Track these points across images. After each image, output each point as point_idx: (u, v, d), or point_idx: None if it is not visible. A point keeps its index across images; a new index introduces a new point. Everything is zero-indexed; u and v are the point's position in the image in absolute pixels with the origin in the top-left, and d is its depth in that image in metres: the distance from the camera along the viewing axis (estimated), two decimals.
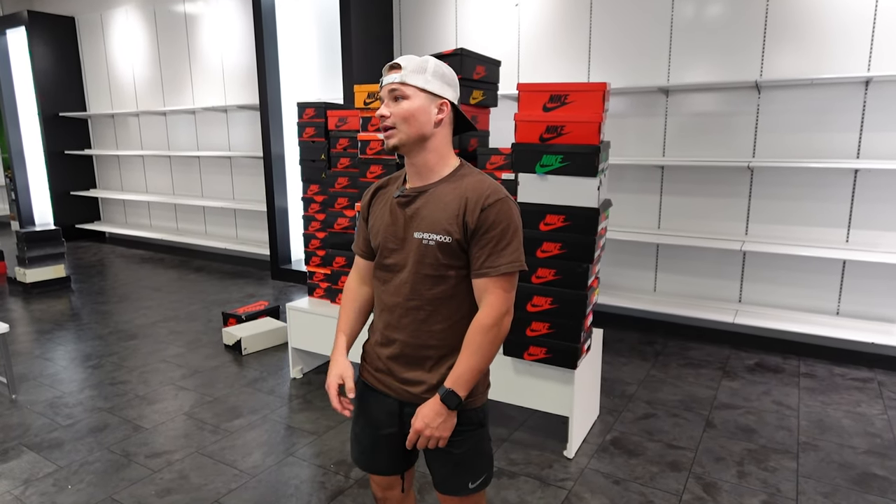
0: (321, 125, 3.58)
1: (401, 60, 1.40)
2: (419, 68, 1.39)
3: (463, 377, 1.39)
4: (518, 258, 1.39)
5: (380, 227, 1.49)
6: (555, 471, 2.64)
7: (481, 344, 1.38)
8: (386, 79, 1.41)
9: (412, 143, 1.40)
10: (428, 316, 1.44)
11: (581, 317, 2.60)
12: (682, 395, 3.38)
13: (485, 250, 1.38)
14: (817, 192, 3.85)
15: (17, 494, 2.49)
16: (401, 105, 1.38)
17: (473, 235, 1.38)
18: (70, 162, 8.24)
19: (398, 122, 1.38)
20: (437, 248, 1.40)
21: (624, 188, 4.48)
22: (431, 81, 1.40)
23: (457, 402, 1.39)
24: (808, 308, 3.97)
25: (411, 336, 1.46)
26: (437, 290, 1.43)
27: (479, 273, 1.39)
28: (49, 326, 4.66)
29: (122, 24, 7.48)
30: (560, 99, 2.52)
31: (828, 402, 3.28)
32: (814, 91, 3.78)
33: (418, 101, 1.38)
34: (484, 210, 1.37)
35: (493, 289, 1.39)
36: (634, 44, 4.30)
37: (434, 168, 1.44)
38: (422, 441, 1.42)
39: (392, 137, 1.40)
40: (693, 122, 4.18)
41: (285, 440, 2.92)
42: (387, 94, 1.40)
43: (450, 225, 1.39)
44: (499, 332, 1.39)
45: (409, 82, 1.38)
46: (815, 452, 2.77)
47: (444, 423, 1.40)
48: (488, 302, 1.39)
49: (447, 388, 1.39)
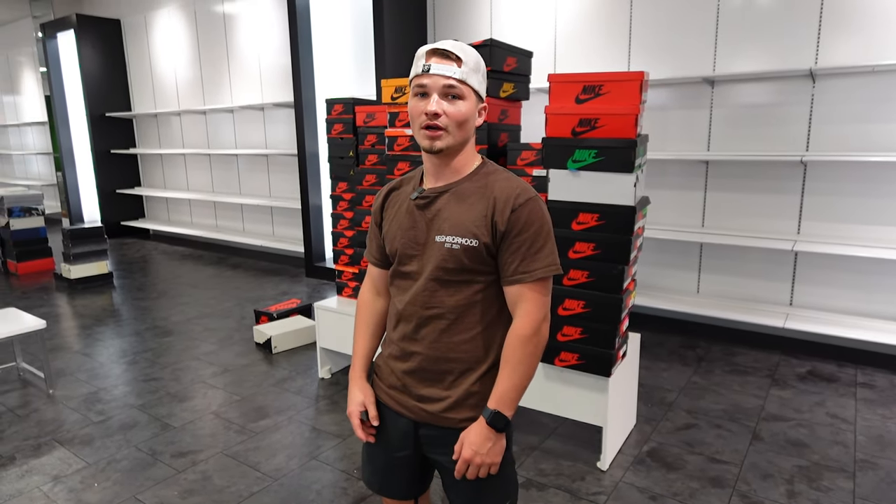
0: (349, 121, 3.52)
1: (457, 51, 1.23)
2: (477, 66, 1.26)
3: (507, 395, 1.27)
4: (554, 261, 1.28)
5: (396, 231, 1.37)
6: (587, 483, 2.50)
7: (522, 357, 1.27)
8: (439, 68, 1.22)
9: (457, 147, 1.29)
10: (449, 325, 1.32)
11: (616, 322, 2.45)
12: (726, 405, 3.18)
13: (517, 254, 1.26)
14: (878, 187, 3.57)
15: (46, 490, 2.51)
16: (458, 106, 1.24)
17: (504, 239, 1.26)
18: (116, 161, 8.48)
19: (451, 126, 1.24)
20: (463, 253, 1.28)
21: (666, 184, 4.28)
22: (483, 82, 1.29)
23: (504, 422, 1.28)
24: (866, 312, 3.70)
25: (430, 348, 1.34)
26: (459, 296, 1.31)
27: (513, 279, 1.27)
28: (90, 322, 4.77)
29: (164, 25, 7.63)
30: (594, 90, 2.37)
31: (889, 415, 3.03)
32: (874, 79, 3.50)
33: (471, 103, 1.26)
34: (515, 211, 1.25)
35: (529, 295, 1.27)
36: (678, 32, 4.09)
37: (459, 168, 1.32)
38: (472, 471, 1.29)
39: (440, 140, 1.25)
40: (741, 115, 3.94)
41: (310, 442, 2.87)
42: (440, 88, 1.23)
43: (477, 227, 1.27)
44: (539, 341, 1.28)
45: (470, 82, 1.24)
46: (873, 472, 2.55)
47: (494, 447, 1.28)
48: (525, 310, 1.27)
49: (492, 410, 1.27)
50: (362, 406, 1.42)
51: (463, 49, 1.25)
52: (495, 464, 1.30)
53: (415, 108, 1.26)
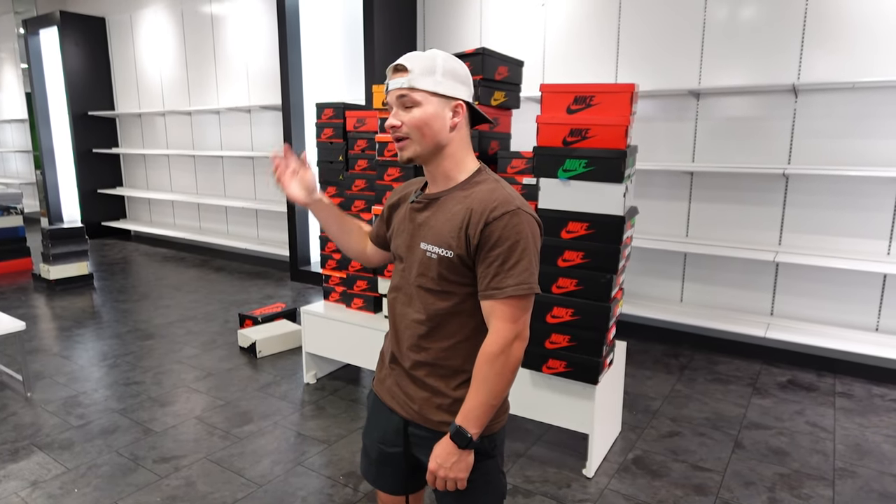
0: (339, 126, 3.51)
1: (405, 61, 1.26)
2: (427, 69, 1.25)
3: (472, 412, 1.25)
4: (526, 280, 1.23)
5: (396, 232, 1.42)
6: (573, 490, 2.52)
7: (487, 375, 1.24)
8: (392, 83, 1.27)
9: (428, 153, 1.29)
10: (430, 331, 1.33)
11: (604, 330, 2.47)
12: (709, 413, 3.23)
13: (490, 269, 1.24)
14: (857, 201, 3.65)
15: (24, 496, 2.45)
16: (412, 113, 1.26)
17: (478, 252, 1.25)
18: (98, 160, 8.36)
19: (411, 132, 1.26)
20: (439, 263, 1.29)
21: (651, 195, 4.33)
22: (442, 82, 1.26)
23: (467, 440, 1.26)
24: (845, 323, 3.77)
25: (413, 351, 1.36)
26: (440, 305, 1.31)
27: (485, 294, 1.26)
28: (69, 324, 4.68)
29: (150, 24, 7.55)
30: (585, 101, 2.40)
31: (866, 424, 3.09)
32: (855, 95, 3.58)
33: (431, 106, 1.25)
34: (489, 224, 1.23)
35: (500, 313, 1.24)
36: (665, 45, 4.15)
37: (450, 174, 1.33)
38: (438, 483, 1.30)
39: (406, 149, 1.28)
40: (725, 127, 4.01)
41: (295, 448, 2.85)
42: (395, 100, 1.27)
43: (452, 238, 1.27)
44: (507, 360, 1.24)
45: (419, 86, 1.24)
46: (852, 479, 2.60)
47: (458, 463, 1.27)
48: (495, 328, 1.25)
49: (457, 426, 1.27)
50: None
51: (412, 58, 1.27)
52: (460, 479, 1.29)
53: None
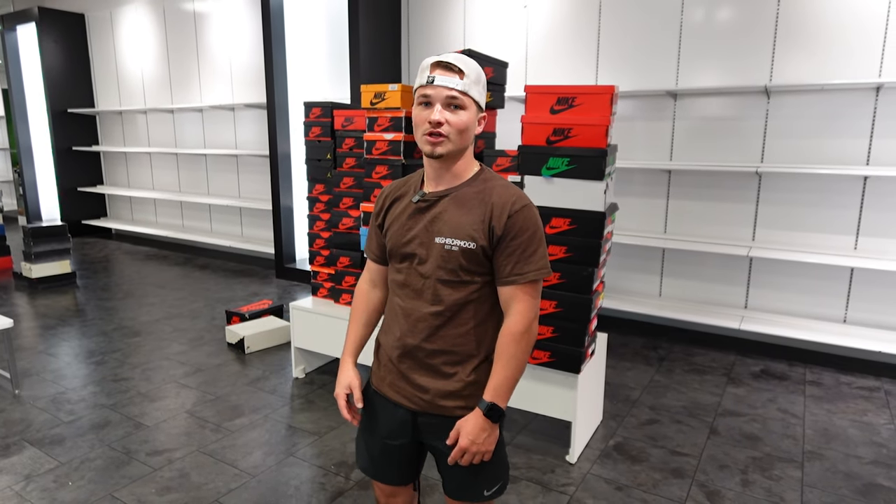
0: (327, 125, 3.57)
1: (460, 64, 1.32)
2: (477, 78, 1.35)
3: (502, 388, 1.37)
4: (545, 265, 1.38)
5: (396, 230, 1.45)
6: (557, 476, 2.62)
7: (515, 352, 1.37)
8: (442, 79, 1.31)
9: (456, 152, 1.37)
10: (446, 321, 1.41)
11: (586, 321, 2.58)
12: (686, 402, 3.36)
13: (512, 258, 1.36)
14: (826, 198, 3.82)
15: (18, 490, 2.49)
16: (459, 116, 1.33)
17: (500, 242, 1.36)
18: (78, 158, 8.28)
19: (452, 133, 1.33)
20: (461, 254, 1.37)
21: (631, 192, 4.46)
22: (483, 94, 1.37)
23: (499, 414, 1.38)
24: (814, 315, 3.94)
25: (427, 341, 1.43)
26: (457, 295, 1.40)
27: (507, 281, 1.37)
28: (53, 322, 4.67)
29: (131, 21, 7.50)
30: (568, 101, 2.50)
31: (834, 410, 3.25)
32: (824, 97, 3.74)
33: (472, 113, 1.35)
34: (511, 216, 1.35)
35: (522, 296, 1.37)
36: (643, 47, 4.28)
37: (459, 173, 1.41)
38: (467, 458, 1.39)
39: (441, 146, 1.34)
40: (701, 127, 4.15)
41: (286, 440, 2.91)
42: (442, 98, 1.32)
43: (475, 231, 1.36)
44: (530, 337, 1.38)
45: (471, 94, 1.33)
46: (820, 462, 2.74)
47: (489, 437, 1.38)
48: (517, 310, 1.37)
49: (488, 402, 1.37)
50: (349, 389, 1.51)
51: (465, 62, 1.34)
52: (489, 451, 1.40)
53: (418, 117, 1.35)
